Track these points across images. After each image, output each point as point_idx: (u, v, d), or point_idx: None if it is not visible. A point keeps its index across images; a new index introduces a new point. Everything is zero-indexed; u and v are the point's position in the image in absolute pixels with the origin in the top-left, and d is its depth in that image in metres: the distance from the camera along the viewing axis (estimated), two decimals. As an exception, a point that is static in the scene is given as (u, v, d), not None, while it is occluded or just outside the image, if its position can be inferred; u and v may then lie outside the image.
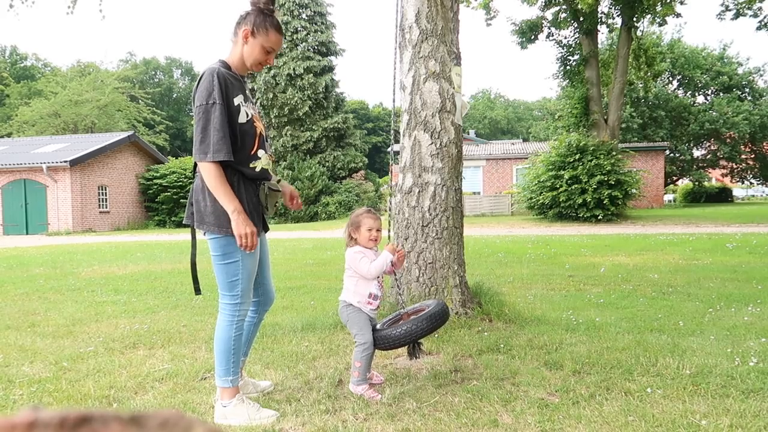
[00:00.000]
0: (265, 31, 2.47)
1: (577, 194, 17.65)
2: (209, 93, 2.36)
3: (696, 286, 5.78)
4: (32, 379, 3.13)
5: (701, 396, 2.61)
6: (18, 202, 22.28)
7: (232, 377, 2.53)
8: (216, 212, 2.43)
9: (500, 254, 9.20)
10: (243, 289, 2.51)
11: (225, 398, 2.52)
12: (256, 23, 2.46)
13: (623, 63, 18.31)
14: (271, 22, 2.49)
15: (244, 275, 2.51)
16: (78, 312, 5.14)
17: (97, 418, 0.32)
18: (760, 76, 34.02)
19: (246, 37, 2.48)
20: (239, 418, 2.46)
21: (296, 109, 30.02)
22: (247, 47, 2.49)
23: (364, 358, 2.76)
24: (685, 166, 34.23)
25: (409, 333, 2.73)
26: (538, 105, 63.81)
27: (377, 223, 2.82)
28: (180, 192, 24.93)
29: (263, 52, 2.51)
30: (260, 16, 2.48)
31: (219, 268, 2.50)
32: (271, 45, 2.51)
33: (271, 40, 2.50)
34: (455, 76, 4.11)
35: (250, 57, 2.51)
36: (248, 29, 2.46)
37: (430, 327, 2.77)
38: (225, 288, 2.51)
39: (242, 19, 2.50)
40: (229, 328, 2.52)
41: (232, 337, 2.52)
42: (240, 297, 2.51)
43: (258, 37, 2.47)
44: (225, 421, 2.47)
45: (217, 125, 2.35)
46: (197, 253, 2.73)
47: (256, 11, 2.48)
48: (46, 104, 36.68)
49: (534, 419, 2.41)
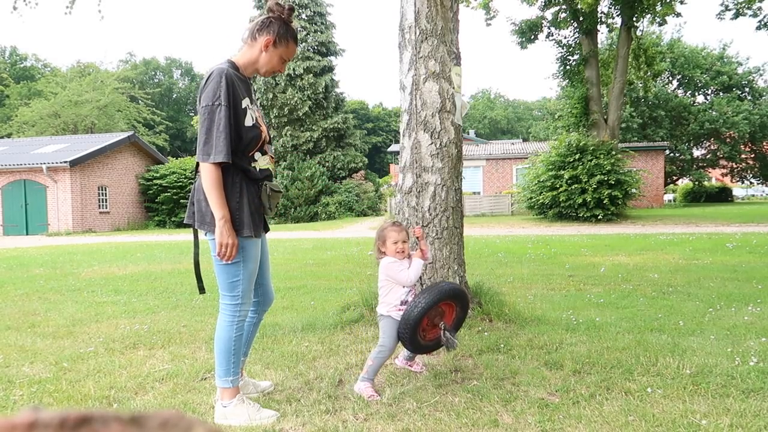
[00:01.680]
0: (286, 42, 2.51)
1: (577, 194, 17.65)
2: (216, 94, 2.36)
3: (696, 285, 5.78)
4: (32, 380, 3.13)
5: (701, 396, 2.61)
6: (18, 202, 22.28)
7: (232, 377, 2.53)
8: (206, 212, 2.46)
9: (500, 254, 9.20)
10: (243, 290, 2.51)
11: (225, 398, 2.52)
12: (279, 33, 2.48)
13: (623, 63, 18.31)
14: (291, 34, 2.53)
15: (245, 276, 2.51)
16: (78, 312, 5.14)
17: (97, 419, 0.32)
18: (759, 75, 34.03)
19: (267, 46, 2.49)
20: (239, 418, 2.46)
21: (296, 110, 30.02)
22: (266, 55, 2.50)
23: (377, 358, 2.80)
24: (685, 165, 34.23)
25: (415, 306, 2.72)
26: (538, 105, 63.86)
27: (402, 235, 2.85)
28: (180, 192, 24.93)
29: (280, 61, 2.55)
30: (283, 26, 2.50)
31: (220, 268, 2.49)
32: (289, 55, 2.56)
33: (290, 51, 2.55)
34: (455, 76, 4.12)
35: (267, 65, 2.53)
36: (270, 38, 2.48)
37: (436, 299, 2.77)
38: (226, 288, 2.51)
39: (264, 27, 2.49)
40: (230, 329, 2.52)
41: (232, 337, 2.52)
42: (241, 298, 2.51)
43: (279, 48, 2.50)
44: (225, 421, 2.48)
45: (221, 127, 2.34)
46: (200, 253, 2.72)
47: (279, 21, 2.50)
48: (45, 105, 36.69)
49: (534, 419, 2.41)
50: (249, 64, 2.53)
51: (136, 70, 53.23)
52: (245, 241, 2.47)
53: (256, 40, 2.50)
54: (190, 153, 46.16)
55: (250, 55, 2.52)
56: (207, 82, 2.41)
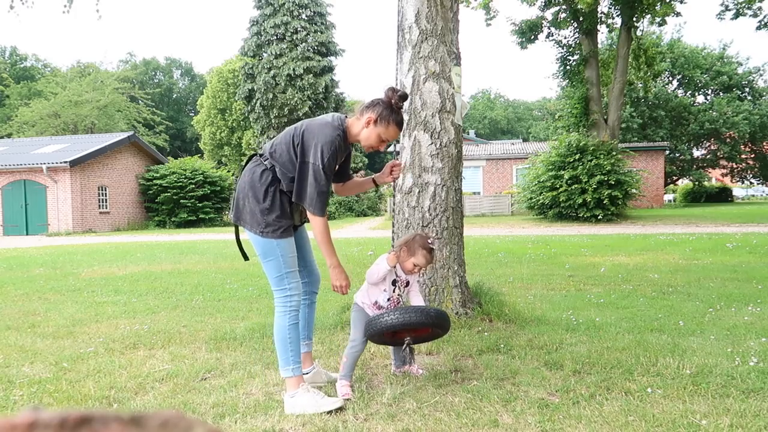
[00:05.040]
0: (386, 124, 2.69)
1: (577, 194, 17.65)
2: (324, 157, 2.59)
3: (696, 285, 5.78)
4: (32, 380, 3.13)
5: (701, 396, 2.61)
6: (18, 202, 22.27)
7: (293, 366, 2.65)
8: (252, 213, 2.66)
9: (500, 254, 9.20)
10: (291, 281, 2.68)
11: (290, 388, 2.62)
12: (382, 115, 2.68)
13: (623, 63, 18.31)
14: (395, 118, 2.70)
15: (287, 267, 2.67)
16: (78, 312, 5.14)
17: (97, 419, 0.32)
18: (760, 75, 34.03)
19: (368, 123, 2.69)
20: (308, 407, 2.54)
21: (296, 110, 30.03)
22: (366, 131, 2.70)
23: (350, 355, 2.84)
24: (685, 165, 34.23)
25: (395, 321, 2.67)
26: (538, 105, 63.84)
27: (427, 263, 2.83)
28: (180, 192, 24.91)
29: (378, 139, 2.72)
30: (388, 109, 2.69)
31: (264, 266, 2.70)
32: (388, 137, 2.73)
33: (390, 133, 2.72)
34: (455, 76, 4.12)
35: (367, 140, 2.72)
36: (372, 117, 2.68)
37: (420, 321, 2.71)
38: (275, 284, 2.69)
39: (372, 105, 2.71)
40: (283, 318, 2.67)
41: (286, 326, 2.67)
42: (290, 289, 2.68)
43: (378, 127, 2.69)
44: (295, 411, 2.55)
45: (324, 188, 2.63)
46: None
47: (386, 104, 2.69)
48: (45, 105, 36.70)
49: (534, 419, 2.41)
50: (353, 135, 2.75)
51: (136, 70, 53.23)
52: (276, 240, 2.64)
53: (362, 115, 2.72)
54: (190, 153, 46.18)
55: (356, 126, 2.73)
56: (317, 135, 2.61)
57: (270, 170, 2.66)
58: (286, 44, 30.61)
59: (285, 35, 30.73)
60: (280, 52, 30.60)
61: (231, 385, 2.95)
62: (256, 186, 2.65)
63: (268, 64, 30.43)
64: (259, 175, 2.67)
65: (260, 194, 2.64)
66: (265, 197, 2.64)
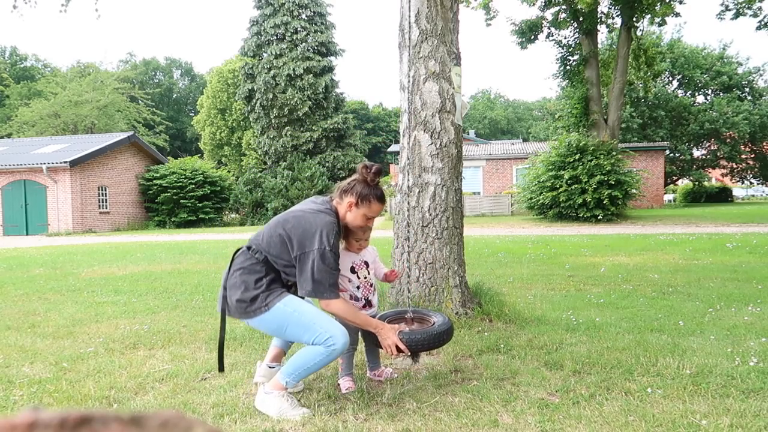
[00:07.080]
0: (368, 204, 2.68)
1: (577, 194, 17.65)
2: (330, 239, 2.52)
3: (696, 286, 5.78)
4: (32, 380, 3.13)
5: (701, 396, 2.61)
6: (18, 202, 22.27)
7: (292, 381, 2.57)
8: (252, 300, 2.53)
9: (500, 254, 9.20)
10: (321, 325, 2.50)
11: (273, 388, 2.59)
12: (361, 195, 2.66)
13: (623, 63, 18.31)
14: (374, 194, 2.68)
15: (310, 317, 2.52)
16: (78, 312, 5.14)
17: (97, 419, 0.32)
18: (760, 75, 33.99)
19: (350, 207, 2.67)
20: (272, 408, 2.53)
21: (296, 110, 30.04)
22: (351, 214, 2.69)
23: (344, 355, 2.81)
24: (685, 166, 34.22)
25: (414, 342, 2.65)
26: (538, 105, 63.85)
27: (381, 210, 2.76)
28: (180, 192, 24.93)
29: (365, 218, 2.71)
30: (366, 188, 2.67)
31: (290, 333, 2.55)
32: (374, 214, 2.71)
33: (373, 210, 2.70)
34: (455, 76, 4.12)
35: (353, 222, 2.71)
36: (352, 201, 2.66)
37: (435, 344, 2.72)
38: (310, 339, 2.51)
39: (349, 188, 2.68)
40: (320, 357, 2.50)
41: (317, 362, 2.51)
42: (326, 331, 2.48)
43: (361, 208, 2.68)
44: (261, 406, 2.56)
45: (334, 269, 2.54)
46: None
47: (362, 182, 2.68)
48: (45, 105, 36.70)
49: (534, 419, 2.41)
50: (340, 217, 2.72)
51: (136, 70, 53.25)
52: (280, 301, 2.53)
53: (342, 199, 2.69)
54: (190, 153, 46.18)
55: (341, 209, 2.71)
56: (313, 224, 2.53)
57: (263, 262, 2.57)
58: (286, 44, 30.61)
59: (285, 35, 30.73)
60: (280, 52, 30.61)
61: (231, 385, 2.95)
62: (250, 279, 2.55)
63: (268, 64, 30.44)
64: (252, 266, 2.57)
65: (253, 282, 2.54)
66: (260, 283, 2.55)
